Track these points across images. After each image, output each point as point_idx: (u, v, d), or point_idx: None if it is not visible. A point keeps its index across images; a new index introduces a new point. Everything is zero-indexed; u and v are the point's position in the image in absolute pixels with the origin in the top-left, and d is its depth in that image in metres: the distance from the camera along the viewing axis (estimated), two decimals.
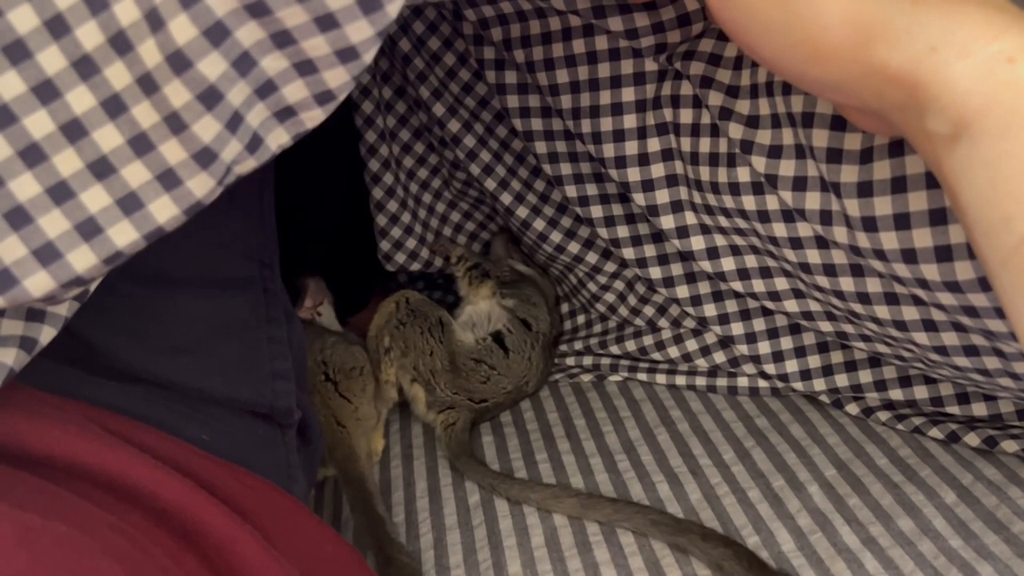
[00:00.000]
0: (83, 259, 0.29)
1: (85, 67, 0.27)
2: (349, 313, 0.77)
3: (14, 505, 0.27)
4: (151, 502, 0.34)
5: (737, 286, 0.56)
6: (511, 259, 0.75)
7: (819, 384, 0.59)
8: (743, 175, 0.48)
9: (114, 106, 0.27)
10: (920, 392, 0.55)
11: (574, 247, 0.67)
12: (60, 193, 0.28)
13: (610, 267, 0.67)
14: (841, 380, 0.58)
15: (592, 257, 0.67)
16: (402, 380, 0.66)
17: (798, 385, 0.60)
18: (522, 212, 0.67)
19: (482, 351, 0.65)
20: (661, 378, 0.66)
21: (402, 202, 0.72)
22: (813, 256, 0.47)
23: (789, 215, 0.47)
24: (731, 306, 0.61)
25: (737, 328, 0.61)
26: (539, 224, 0.67)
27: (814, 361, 0.59)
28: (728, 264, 0.55)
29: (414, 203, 0.73)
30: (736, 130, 0.46)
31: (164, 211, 0.29)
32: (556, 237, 0.67)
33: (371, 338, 0.67)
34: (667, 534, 0.50)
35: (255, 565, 0.36)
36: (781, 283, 0.54)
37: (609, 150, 0.53)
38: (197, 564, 0.34)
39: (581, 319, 0.73)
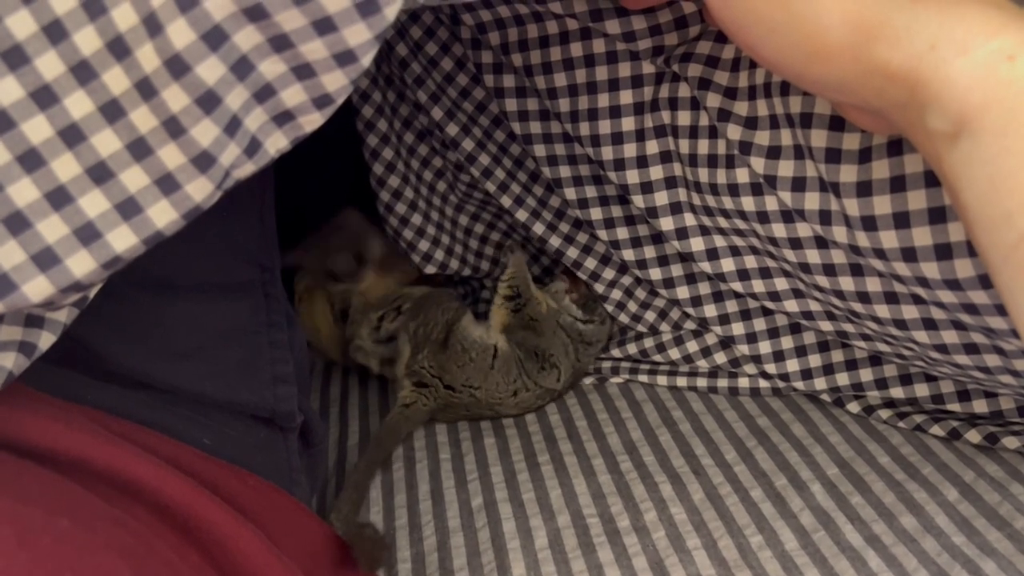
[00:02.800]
0: (82, 264, 0.29)
1: (83, 72, 0.27)
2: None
3: (18, 499, 0.27)
4: (154, 497, 0.34)
5: (737, 287, 0.56)
6: (564, 307, 0.69)
7: (820, 383, 0.59)
8: (742, 176, 0.48)
9: (112, 111, 0.27)
10: (921, 390, 0.55)
11: (573, 252, 0.67)
12: (59, 198, 0.28)
13: (608, 273, 0.67)
14: (842, 379, 0.58)
15: (591, 263, 0.67)
16: (399, 335, 0.67)
17: (799, 384, 0.60)
18: (522, 215, 0.67)
19: (475, 345, 0.65)
20: (662, 379, 0.66)
21: (411, 204, 0.71)
22: (813, 256, 0.47)
23: (788, 215, 0.47)
24: (731, 306, 0.61)
25: (738, 328, 0.61)
26: (539, 228, 0.67)
27: (815, 360, 0.59)
28: (728, 265, 0.55)
29: (426, 205, 0.73)
30: (734, 131, 0.46)
31: (163, 216, 0.29)
32: (556, 241, 0.67)
33: (395, 295, 0.70)
34: None
35: (258, 562, 0.36)
36: (781, 283, 0.54)
37: (608, 153, 0.53)
38: (200, 559, 0.34)
39: None
